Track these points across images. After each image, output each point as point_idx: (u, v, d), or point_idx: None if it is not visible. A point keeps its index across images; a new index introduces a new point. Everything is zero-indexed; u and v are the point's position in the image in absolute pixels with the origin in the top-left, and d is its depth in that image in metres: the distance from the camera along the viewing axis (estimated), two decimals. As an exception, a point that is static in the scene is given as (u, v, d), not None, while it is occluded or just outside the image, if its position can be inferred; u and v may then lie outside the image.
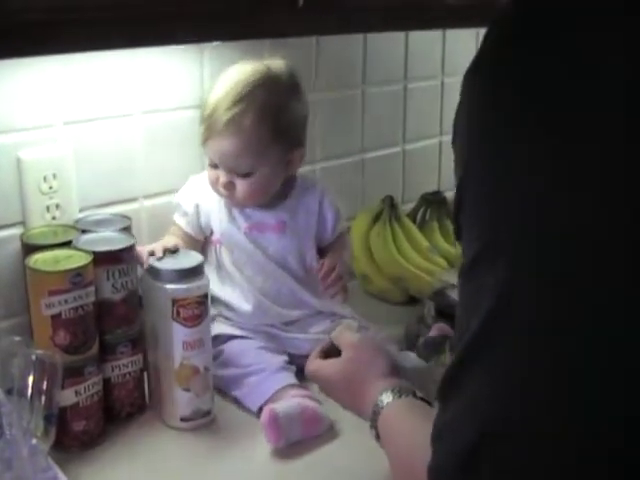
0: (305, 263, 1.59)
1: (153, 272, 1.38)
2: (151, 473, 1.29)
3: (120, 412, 1.41)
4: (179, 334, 1.35)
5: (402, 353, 1.44)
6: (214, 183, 1.52)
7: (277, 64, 1.52)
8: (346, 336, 1.19)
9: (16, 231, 1.44)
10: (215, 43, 1.58)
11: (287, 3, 1.19)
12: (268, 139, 1.48)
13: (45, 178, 1.46)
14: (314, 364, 1.20)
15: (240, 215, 1.55)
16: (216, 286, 1.52)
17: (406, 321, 1.67)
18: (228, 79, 1.49)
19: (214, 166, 1.51)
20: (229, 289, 1.55)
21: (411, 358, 1.40)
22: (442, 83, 2.17)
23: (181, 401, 1.38)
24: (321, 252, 1.62)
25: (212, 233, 1.56)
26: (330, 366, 1.17)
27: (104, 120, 1.53)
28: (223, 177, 1.50)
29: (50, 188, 1.47)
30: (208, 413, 1.40)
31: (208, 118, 1.48)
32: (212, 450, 1.35)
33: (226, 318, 1.54)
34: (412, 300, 1.83)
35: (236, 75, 1.49)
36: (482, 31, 1.67)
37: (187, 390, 1.37)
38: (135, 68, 1.55)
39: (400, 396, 1.03)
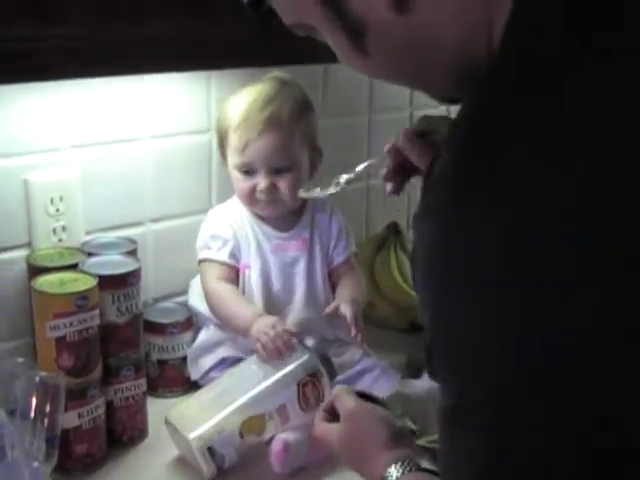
0: (325, 284, 1.61)
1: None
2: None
3: (122, 435, 1.41)
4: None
5: (405, 381, 1.44)
6: (250, 193, 1.53)
7: (283, 75, 1.56)
8: (343, 402, 1.14)
9: (22, 253, 1.44)
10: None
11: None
12: (301, 136, 1.53)
13: (52, 200, 1.46)
14: (318, 429, 1.18)
15: (264, 237, 1.57)
16: None
17: (409, 349, 1.66)
18: (248, 92, 1.53)
19: (250, 174, 1.52)
20: None
21: (414, 386, 1.40)
22: (447, 111, 2.17)
23: (224, 443, 1.33)
24: (331, 275, 1.63)
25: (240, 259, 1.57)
26: (333, 433, 1.14)
27: (112, 144, 1.54)
28: (264, 181, 1.51)
29: (57, 210, 1.47)
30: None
31: (243, 124, 1.49)
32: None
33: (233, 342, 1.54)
34: (415, 328, 1.82)
35: (255, 87, 1.53)
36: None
37: (241, 436, 1.33)
38: (143, 93, 1.56)
39: (404, 471, 1.00)
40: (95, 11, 1.01)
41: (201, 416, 1.34)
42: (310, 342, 1.50)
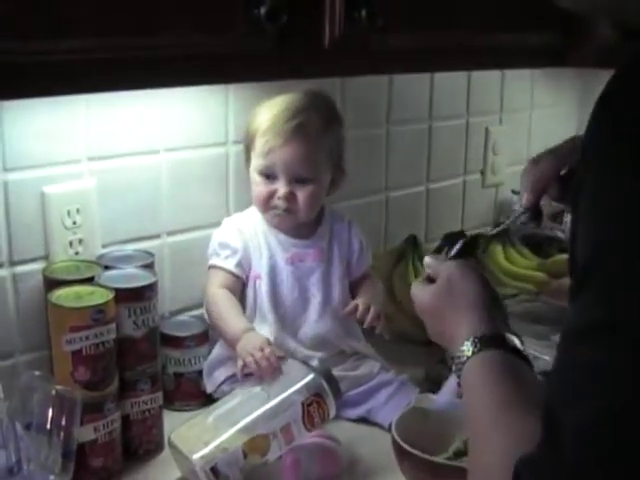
0: (343, 294, 1.61)
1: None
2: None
3: (138, 449, 1.40)
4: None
5: (423, 395, 1.43)
6: (267, 198, 1.53)
7: (317, 88, 1.56)
8: (440, 266, 1.15)
9: (39, 265, 1.44)
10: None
11: (313, 44, 1.20)
12: (328, 151, 1.54)
13: (69, 213, 1.46)
14: (414, 288, 1.17)
15: (279, 246, 1.57)
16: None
17: (427, 363, 1.65)
18: (281, 100, 1.53)
19: (270, 178, 1.53)
20: (265, 328, 1.53)
21: (433, 400, 1.39)
22: (467, 123, 2.17)
23: (228, 462, 1.31)
24: (350, 288, 1.63)
25: (250, 269, 1.57)
26: (425, 292, 1.13)
27: (129, 156, 1.54)
28: (283, 188, 1.52)
29: (74, 223, 1.47)
30: None
31: (270, 130, 1.50)
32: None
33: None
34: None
35: (288, 96, 1.54)
36: (508, 73, 1.67)
37: (244, 455, 1.31)
38: (160, 106, 1.56)
39: (477, 351, 0.97)
40: (110, 24, 1.00)
41: (204, 437, 1.31)
42: (314, 361, 1.50)
